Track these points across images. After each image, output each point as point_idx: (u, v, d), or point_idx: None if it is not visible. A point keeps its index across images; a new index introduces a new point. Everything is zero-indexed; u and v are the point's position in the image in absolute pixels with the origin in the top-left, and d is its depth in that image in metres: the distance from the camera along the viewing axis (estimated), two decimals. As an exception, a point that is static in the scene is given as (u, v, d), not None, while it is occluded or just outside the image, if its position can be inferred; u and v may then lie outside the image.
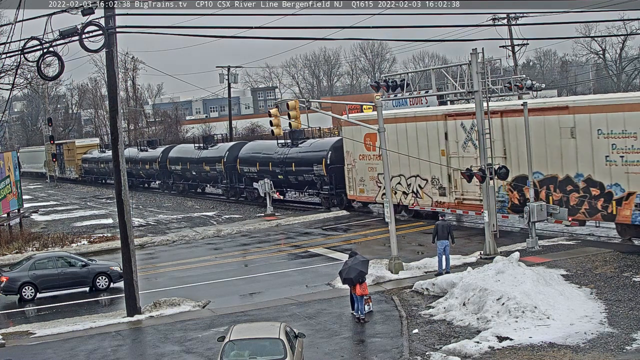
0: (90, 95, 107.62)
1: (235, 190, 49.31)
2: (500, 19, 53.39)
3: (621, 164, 24.42)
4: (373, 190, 36.13)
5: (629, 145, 24.16)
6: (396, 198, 34.00)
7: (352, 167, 37.50)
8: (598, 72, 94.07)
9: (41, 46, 19.18)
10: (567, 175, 26.42)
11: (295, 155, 41.90)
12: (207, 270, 27.80)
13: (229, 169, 48.47)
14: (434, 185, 32.40)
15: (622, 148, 24.41)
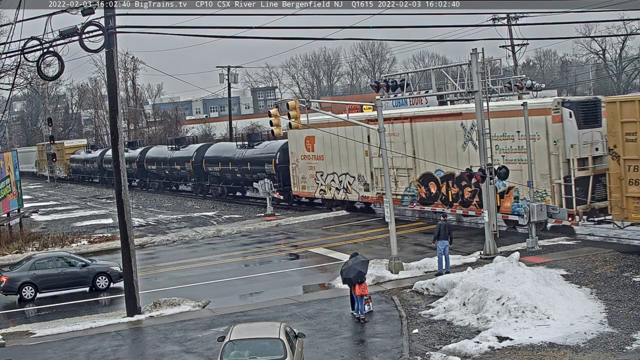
0: (90, 95, 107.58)
1: (202, 188, 53.31)
2: (500, 19, 53.38)
3: (503, 162, 27.29)
4: (312, 187, 40.15)
5: (508, 146, 28.16)
6: (330, 193, 38.83)
7: (295, 166, 41.22)
8: (598, 72, 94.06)
9: (41, 46, 19.18)
10: (461, 173, 28.90)
11: (251, 156, 45.92)
12: (207, 270, 27.80)
13: (196, 168, 52.38)
14: (360, 181, 36.48)
15: (503, 148, 28.32)
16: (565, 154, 26.67)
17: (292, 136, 40.90)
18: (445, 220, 23.86)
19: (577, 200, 26.23)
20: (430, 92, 28.53)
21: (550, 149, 26.77)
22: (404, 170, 33.58)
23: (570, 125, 26.44)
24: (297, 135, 40.06)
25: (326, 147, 38.21)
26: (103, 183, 70.40)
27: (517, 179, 27.48)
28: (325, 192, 39.40)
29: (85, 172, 76.45)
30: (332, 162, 38.20)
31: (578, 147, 26.50)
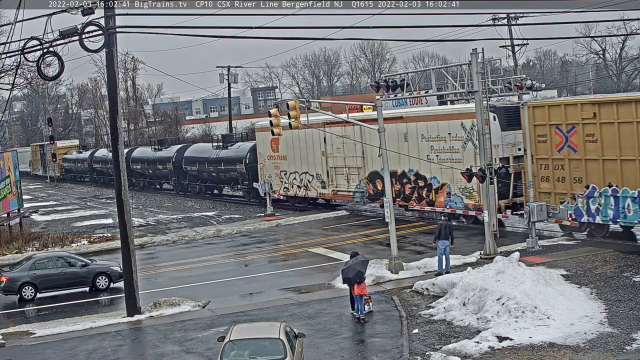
0: (90, 95, 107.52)
1: (182, 186, 56.29)
2: (500, 19, 53.34)
3: (437, 162, 31.17)
4: (278, 185, 42.83)
5: (441, 146, 31.05)
6: (293, 191, 41.79)
7: (263, 165, 44.13)
8: (598, 72, 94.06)
9: (41, 46, 19.17)
10: (403, 171, 33.37)
11: (225, 156, 48.79)
12: (207, 270, 27.80)
13: (176, 167, 55.47)
14: (318, 179, 39.51)
15: (437, 149, 31.31)
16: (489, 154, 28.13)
17: (260, 138, 44.11)
18: (446, 220, 23.87)
19: (500, 195, 28.55)
20: (430, 92, 28.54)
21: (475, 149, 28.66)
22: (355, 169, 36.78)
23: (494, 127, 28.33)
24: (264, 137, 43.02)
25: (289, 148, 41.14)
26: (93, 182, 73.80)
27: (448, 176, 30.74)
28: (289, 190, 42.18)
29: (76, 171, 79.67)
30: (294, 162, 41.10)
31: (501, 148, 29.08)
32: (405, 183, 33.31)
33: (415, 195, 32.80)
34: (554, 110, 26.49)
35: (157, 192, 60.38)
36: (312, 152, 39.51)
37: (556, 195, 26.73)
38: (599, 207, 25.25)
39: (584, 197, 25.57)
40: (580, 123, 25.47)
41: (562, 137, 26.26)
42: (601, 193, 25.02)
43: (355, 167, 36.73)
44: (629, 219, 24.32)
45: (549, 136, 26.65)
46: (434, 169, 31.67)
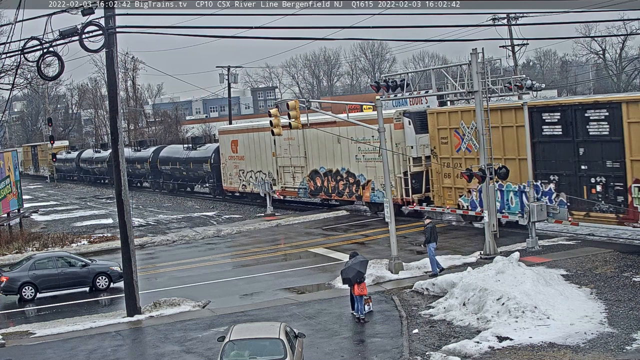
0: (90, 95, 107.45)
1: (157, 184, 60.71)
2: (500, 19, 53.28)
3: (363, 161, 35.61)
4: (237, 182, 47.10)
5: (367, 148, 34.72)
6: (249, 188, 45.65)
7: (225, 165, 48.23)
8: (598, 72, 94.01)
9: (41, 46, 19.19)
10: (337, 169, 37.70)
11: (193, 156, 53.24)
12: (207, 270, 27.80)
13: (152, 167, 59.74)
14: (269, 177, 43.11)
15: (364, 150, 35.26)
16: (405, 154, 33.17)
17: (222, 139, 48.50)
18: (431, 222, 23.72)
19: (414, 190, 33.13)
20: (430, 92, 28.55)
21: (394, 149, 32.66)
22: (299, 167, 40.75)
23: (409, 131, 32.76)
24: (225, 139, 47.78)
25: (246, 149, 45.38)
26: (80, 180, 79.00)
27: (372, 174, 35.26)
28: (246, 187, 46.11)
29: (65, 170, 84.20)
30: (250, 162, 45.28)
31: (415, 149, 33.00)
32: (339, 180, 37.77)
33: (347, 191, 37.26)
34: (453, 116, 30.34)
35: (136, 189, 62.81)
36: (264, 153, 43.64)
37: (456, 189, 30.94)
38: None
39: (477, 191, 29.31)
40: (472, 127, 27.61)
41: (459, 139, 29.97)
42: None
43: (299, 166, 40.65)
44: (512, 209, 28.39)
45: (449, 138, 30.61)
46: (361, 167, 36.05)
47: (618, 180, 24.45)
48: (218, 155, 49.25)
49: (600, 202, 24.85)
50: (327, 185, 38.55)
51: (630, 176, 24.00)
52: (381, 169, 30.75)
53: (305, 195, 40.76)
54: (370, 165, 35.02)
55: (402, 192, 33.22)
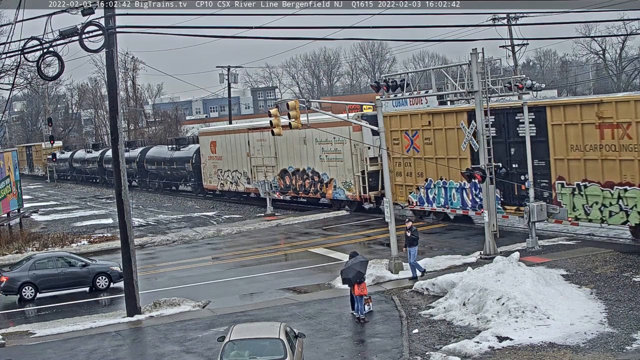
0: (90, 95, 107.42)
1: (144, 183, 63.35)
2: (500, 19, 53.31)
3: (326, 161, 38.58)
4: (216, 181, 49.91)
5: (329, 148, 38.12)
6: (227, 186, 48.58)
7: (205, 165, 51.09)
8: (598, 72, 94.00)
9: (41, 46, 19.18)
10: (304, 168, 40.50)
11: (176, 157, 55.82)
12: (207, 270, 27.80)
13: (140, 167, 62.52)
14: (244, 176, 46.41)
15: (326, 151, 38.41)
16: (362, 154, 35.91)
17: (202, 141, 51.48)
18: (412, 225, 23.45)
19: (371, 187, 35.90)
20: (430, 92, 28.55)
21: (352, 150, 36.27)
22: (270, 167, 43.63)
23: (367, 133, 34.51)
24: (205, 140, 50.77)
25: (224, 150, 48.21)
26: (73, 180, 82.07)
27: (334, 173, 38.14)
28: (224, 185, 48.96)
29: (59, 170, 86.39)
30: (228, 162, 48.02)
31: (372, 149, 34.92)
32: (305, 179, 40.62)
33: (312, 189, 40.07)
34: (403, 119, 32.85)
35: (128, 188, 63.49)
36: (240, 153, 46.53)
37: (406, 187, 33.65)
38: (435, 196, 32.18)
39: (424, 188, 32.51)
40: (420, 129, 32.00)
41: (409, 140, 33.02)
42: (435, 185, 31.94)
43: (270, 165, 43.68)
44: (454, 205, 31.23)
45: (400, 140, 33.42)
46: (324, 167, 38.92)
47: (544, 177, 27.16)
48: (199, 156, 51.88)
49: (529, 197, 26.24)
50: (295, 184, 41.70)
51: (554, 174, 26.83)
52: (342, 168, 37.44)
53: (276, 193, 43.64)
54: (332, 165, 38.13)
55: (361, 190, 36.35)
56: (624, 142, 24.22)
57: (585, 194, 25.75)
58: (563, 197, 26.52)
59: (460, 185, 30.52)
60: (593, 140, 25.40)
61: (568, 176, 26.34)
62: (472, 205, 30.29)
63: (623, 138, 24.27)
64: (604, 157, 25.19)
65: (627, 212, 24.40)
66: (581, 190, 25.86)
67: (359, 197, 36.60)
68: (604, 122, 24.96)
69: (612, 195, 24.79)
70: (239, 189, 47.52)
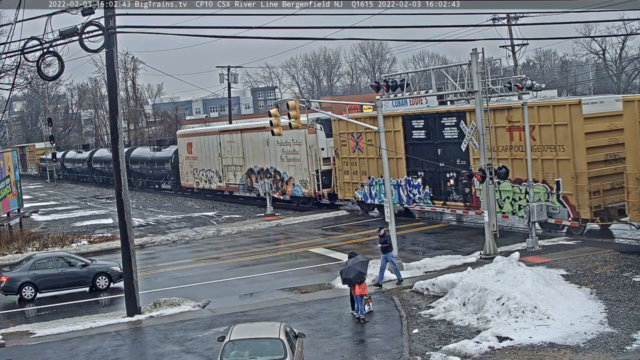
0: (90, 95, 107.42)
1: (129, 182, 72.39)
2: (500, 19, 53.25)
3: (286, 161, 41.58)
4: (192, 180, 53.29)
5: (288, 149, 41.27)
6: (202, 184, 51.76)
7: (182, 164, 54.44)
8: (598, 72, 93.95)
9: (41, 46, 19.17)
10: (267, 168, 43.62)
11: (157, 157, 58.97)
12: (207, 270, 27.80)
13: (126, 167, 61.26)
14: (216, 175, 49.40)
15: (286, 151, 41.58)
16: (317, 155, 39.12)
17: (180, 142, 54.60)
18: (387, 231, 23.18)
19: (324, 185, 39.11)
20: (430, 92, 28.53)
21: (308, 151, 39.44)
22: (239, 167, 46.81)
23: (321, 135, 38.47)
24: (182, 142, 54.02)
25: (198, 151, 51.46)
26: (65, 179, 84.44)
27: (293, 172, 41.19)
28: (199, 184, 52.22)
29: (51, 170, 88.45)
30: (202, 161, 51.23)
31: (326, 150, 38.97)
32: (269, 177, 43.64)
33: (274, 186, 42.75)
34: (350, 123, 34.69)
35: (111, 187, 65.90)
36: (213, 154, 49.58)
37: (353, 184, 36.95)
38: (376, 192, 35.46)
39: (367, 185, 35.84)
40: (364, 132, 34.90)
41: (355, 142, 36.44)
42: (377, 182, 35.14)
43: (239, 165, 46.80)
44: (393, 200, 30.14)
45: (347, 141, 36.86)
46: (285, 166, 41.80)
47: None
48: (177, 156, 55.21)
49: (453, 193, 31.07)
50: (257, 182, 44.77)
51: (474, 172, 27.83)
52: (299, 167, 40.38)
53: (243, 191, 47.13)
54: (291, 165, 41.20)
55: (315, 187, 39.67)
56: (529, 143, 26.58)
57: (499, 190, 28.58)
58: (481, 192, 28.33)
59: (397, 183, 33.96)
60: (504, 141, 28.75)
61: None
62: (407, 201, 34.14)
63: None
64: (513, 156, 28.36)
65: None
66: (495, 186, 27.25)
67: (314, 194, 39.87)
68: (513, 125, 28.18)
69: (521, 191, 27.99)
70: (212, 187, 50.76)
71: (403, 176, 33.77)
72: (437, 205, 32.30)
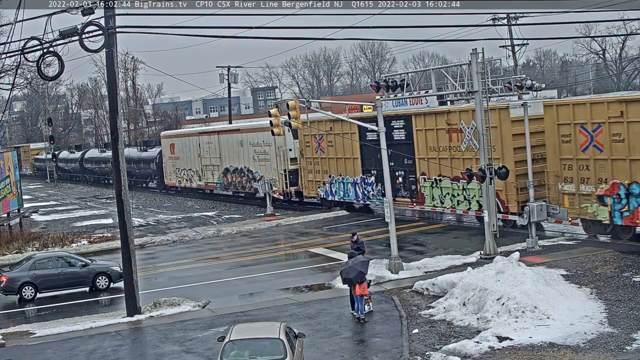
0: (90, 95, 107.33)
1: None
2: (500, 19, 53.24)
3: (258, 160, 44.44)
4: (174, 179, 56.19)
5: (260, 150, 44.13)
6: (183, 183, 54.85)
7: (166, 164, 57.39)
8: (598, 72, 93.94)
9: (41, 46, 19.17)
10: (241, 167, 46.45)
11: (144, 157, 61.95)
12: (207, 270, 27.80)
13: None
14: (196, 174, 52.43)
15: (258, 152, 44.30)
16: (285, 155, 41.82)
17: (164, 143, 57.75)
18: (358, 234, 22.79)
19: (291, 183, 41.80)
20: (430, 92, 28.54)
21: (277, 152, 42.31)
22: (216, 166, 49.55)
23: (289, 137, 40.43)
24: (166, 142, 57.12)
25: (180, 151, 54.40)
26: (59, 178, 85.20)
27: (264, 171, 43.95)
28: (181, 182, 55.24)
29: (45, 169, 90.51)
30: (183, 161, 54.29)
31: (293, 151, 41.68)
32: (242, 176, 46.48)
33: (248, 185, 45.82)
34: (312, 125, 36.53)
35: (103, 186, 71.44)
36: (193, 154, 52.44)
37: (316, 182, 39.73)
38: (336, 190, 38.48)
39: (329, 183, 38.80)
40: (325, 133, 37.66)
41: (317, 143, 39.12)
42: (336, 180, 38.26)
43: (216, 165, 49.59)
44: (350, 197, 37.69)
45: (311, 142, 39.65)
46: (257, 166, 44.65)
47: (411, 173, 33.51)
48: (161, 156, 58.23)
49: (401, 190, 33.85)
50: (234, 180, 47.62)
51: (418, 170, 33.01)
52: (269, 167, 43.27)
53: (220, 189, 50.07)
54: (262, 164, 44.07)
55: (284, 185, 42.23)
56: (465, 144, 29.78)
57: (440, 186, 31.79)
58: (425, 189, 32.62)
59: (354, 181, 37.00)
60: (444, 142, 31.30)
61: (428, 172, 32.47)
62: (362, 197, 36.78)
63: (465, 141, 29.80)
64: (452, 156, 30.83)
65: (469, 200, 30.38)
66: (437, 183, 31.83)
67: (282, 192, 42.60)
68: (452, 127, 30.63)
69: (459, 187, 30.61)
70: (192, 186, 53.86)
71: (359, 175, 36.62)
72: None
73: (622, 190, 24.27)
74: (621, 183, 24.25)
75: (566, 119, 26.00)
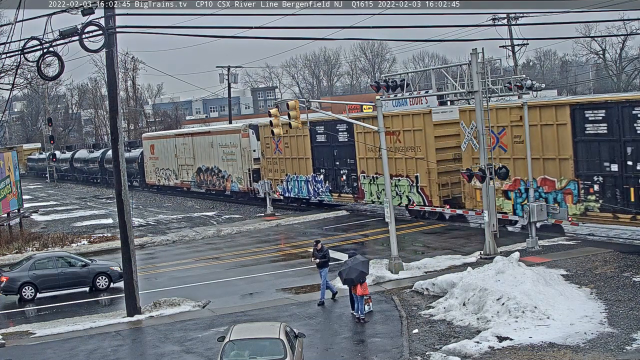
0: (90, 95, 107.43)
1: (104, 180, 70.23)
2: (500, 19, 53.21)
3: (227, 160, 47.35)
4: (155, 178, 59.23)
5: (228, 151, 47.05)
6: (163, 182, 57.68)
7: (147, 164, 60.73)
8: (598, 72, 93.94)
9: (41, 46, 19.17)
10: (211, 167, 49.42)
11: (127, 157, 59.67)
12: (207, 270, 27.80)
13: (101, 165, 71.62)
14: (174, 173, 55.58)
15: (226, 152, 47.34)
16: (249, 156, 45.08)
17: (145, 144, 61.22)
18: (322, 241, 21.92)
19: (254, 181, 44.09)
20: (430, 92, 28.53)
21: (242, 152, 45.51)
22: (191, 166, 52.57)
23: (253, 139, 44.74)
24: (147, 144, 60.62)
25: (159, 152, 57.68)
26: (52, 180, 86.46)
27: (231, 170, 46.91)
28: (160, 181, 58.24)
29: (38, 169, 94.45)
30: (162, 161, 57.47)
31: (257, 152, 44.78)
32: (213, 175, 49.33)
33: (218, 183, 48.81)
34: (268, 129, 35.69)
35: (91, 184, 75.25)
36: (170, 154, 55.65)
37: (275, 180, 42.40)
38: (292, 187, 41.39)
39: (285, 181, 41.69)
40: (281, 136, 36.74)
41: (275, 145, 42.00)
42: (292, 178, 41.17)
43: (191, 165, 52.66)
44: (303, 194, 40.81)
45: (270, 144, 42.46)
46: (226, 165, 47.49)
47: (353, 172, 36.66)
48: (143, 156, 61.47)
49: (345, 186, 37.18)
50: (206, 179, 50.50)
51: (359, 169, 36.16)
52: (236, 166, 46.32)
53: (194, 187, 53.11)
54: (230, 164, 46.97)
55: (248, 183, 45.24)
56: (397, 145, 32.89)
57: (377, 183, 34.73)
58: (364, 185, 35.76)
59: (306, 179, 40.01)
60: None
61: (367, 170, 35.58)
62: (314, 194, 39.94)
63: (397, 142, 33.03)
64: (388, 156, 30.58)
65: (400, 196, 33.68)
66: (375, 181, 34.99)
67: (246, 189, 45.50)
68: (387, 130, 30.84)
69: (392, 184, 32.19)
70: (170, 184, 56.86)
71: (310, 173, 39.59)
72: (334, 196, 38.45)
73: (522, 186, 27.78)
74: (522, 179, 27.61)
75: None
